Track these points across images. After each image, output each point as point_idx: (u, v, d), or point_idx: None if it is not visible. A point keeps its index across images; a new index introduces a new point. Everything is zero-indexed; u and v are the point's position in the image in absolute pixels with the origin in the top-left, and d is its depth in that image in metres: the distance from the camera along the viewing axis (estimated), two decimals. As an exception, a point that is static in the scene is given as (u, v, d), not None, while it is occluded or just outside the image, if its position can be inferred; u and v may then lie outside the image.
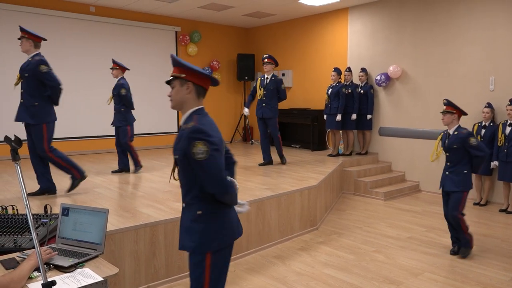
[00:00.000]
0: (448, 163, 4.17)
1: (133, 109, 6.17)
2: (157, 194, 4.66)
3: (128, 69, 6.25)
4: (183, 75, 2.02)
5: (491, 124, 6.02)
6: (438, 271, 3.81)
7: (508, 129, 5.72)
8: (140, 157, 6.45)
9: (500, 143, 5.80)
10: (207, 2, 7.90)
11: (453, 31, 6.69)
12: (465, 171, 4.07)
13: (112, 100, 6.12)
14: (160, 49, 9.20)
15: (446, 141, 4.15)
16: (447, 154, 4.16)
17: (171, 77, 2.06)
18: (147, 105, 8.83)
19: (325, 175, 5.73)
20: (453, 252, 4.20)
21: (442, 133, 4.32)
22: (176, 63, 2.07)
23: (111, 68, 6.14)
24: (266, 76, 6.64)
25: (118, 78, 6.08)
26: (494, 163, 5.91)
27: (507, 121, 5.79)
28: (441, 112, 4.20)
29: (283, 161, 6.81)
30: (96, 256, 2.36)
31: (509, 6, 6.05)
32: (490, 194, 6.26)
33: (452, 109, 4.12)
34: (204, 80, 2.08)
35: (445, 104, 4.16)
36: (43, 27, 7.60)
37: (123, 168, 6.13)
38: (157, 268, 3.50)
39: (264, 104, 6.55)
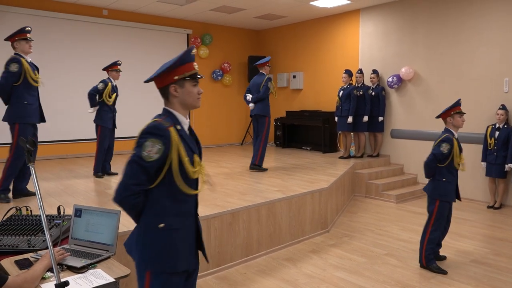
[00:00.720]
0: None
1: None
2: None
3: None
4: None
5: (505, 126, 5.93)
6: (450, 275, 3.76)
7: (523, 131, 5.64)
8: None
9: (515, 146, 5.71)
10: (218, 4, 7.94)
11: (466, 32, 6.62)
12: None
13: (114, 101, 5.97)
14: (172, 52, 9.25)
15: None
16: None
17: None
18: (156, 108, 8.88)
19: (336, 178, 5.70)
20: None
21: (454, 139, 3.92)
22: None
23: (119, 70, 6.06)
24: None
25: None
26: (509, 166, 5.82)
27: (522, 123, 5.71)
28: (463, 113, 3.90)
29: (251, 166, 6.34)
30: (108, 257, 2.38)
31: (524, 7, 5.96)
32: (505, 197, 6.16)
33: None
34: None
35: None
36: (56, 30, 7.73)
37: None
38: (168, 270, 3.51)
39: (255, 102, 6.37)
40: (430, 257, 3.88)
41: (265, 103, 6.32)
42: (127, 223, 3.48)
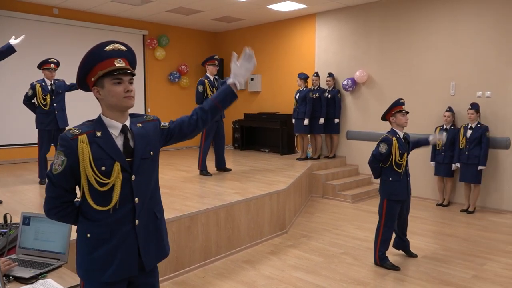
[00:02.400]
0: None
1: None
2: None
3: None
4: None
5: (452, 127, 6.25)
6: (403, 271, 3.90)
7: (469, 132, 5.95)
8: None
9: (461, 146, 6.02)
10: (175, 6, 7.85)
11: (416, 38, 6.91)
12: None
13: (49, 102, 5.70)
14: (127, 53, 9.05)
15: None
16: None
17: (131, 72, 1.82)
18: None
19: (294, 179, 5.78)
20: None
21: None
22: (135, 58, 1.91)
23: (54, 69, 5.82)
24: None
25: (54, 79, 5.83)
26: (456, 165, 6.13)
27: (468, 124, 6.02)
28: (406, 112, 3.99)
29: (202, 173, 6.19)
30: (60, 266, 2.29)
31: (468, 15, 6.31)
32: (452, 195, 6.48)
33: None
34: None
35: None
36: (1, 29, 7.34)
37: None
38: (124, 277, 3.42)
39: None
40: (383, 256, 4.00)
41: None
42: (80, 230, 3.35)
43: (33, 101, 5.61)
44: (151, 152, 1.83)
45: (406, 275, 3.83)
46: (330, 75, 7.82)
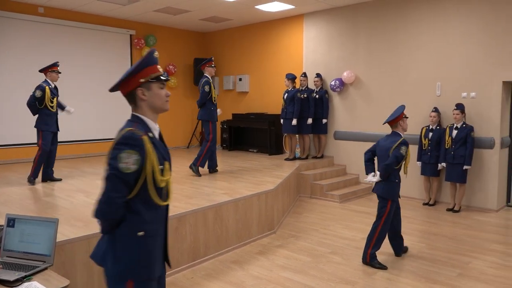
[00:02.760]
0: None
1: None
2: (111, 202, 4.52)
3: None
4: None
5: (438, 127, 6.32)
6: (391, 270, 3.94)
7: (454, 132, 6.03)
8: (92, 163, 6.26)
9: (447, 146, 6.10)
10: (162, 5, 7.80)
11: (403, 39, 6.98)
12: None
13: (57, 103, 5.80)
14: (114, 53, 8.97)
15: None
16: None
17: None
18: (98, 110, 8.59)
19: (282, 179, 5.79)
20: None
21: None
22: None
23: (58, 72, 5.85)
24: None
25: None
26: (442, 165, 6.20)
27: (453, 124, 6.10)
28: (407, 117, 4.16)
29: (190, 164, 6.21)
30: (45, 268, 2.26)
31: (455, 17, 6.39)
32: (438, 195, 6.56)
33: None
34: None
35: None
36: (-14, 28, 7.23)
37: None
38: (111, 278, 3.39)
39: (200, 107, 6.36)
40: (374, 255, 4.04)
41: (206, 107, 6.25)
42: (66, 232, 3.32)
43: (36, 103, 5.58)
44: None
45: (394, 274, 3.86)
46: (318, 75, 7.85)
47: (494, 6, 5.99)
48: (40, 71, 5.82)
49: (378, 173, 4.08)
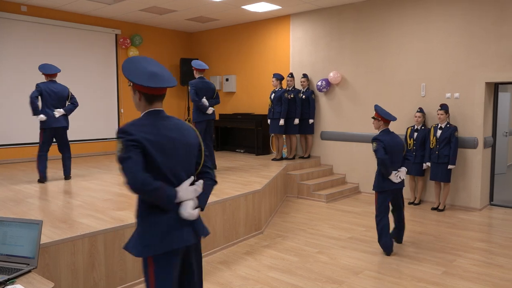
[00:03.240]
0: None
1: None
2: (96, 203, 4.48)
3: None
4: (130, 84, 2.08)
5: (423, 127, 6.40)
6: (376, 269, 3.98)
7: (438, 132, 6.12)
8: (78, 164, 6.19)
9: (432, 146, 6.18)
10: (149, 5, 7.75)
11: (388, 40, 7.06)
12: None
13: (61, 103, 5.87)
14: (99, 52, 8.88)
15: None
16: None
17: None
18: (84, 111, 8.48)
19: (269, 179, 5.80)
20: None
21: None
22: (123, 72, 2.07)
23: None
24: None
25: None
26: (427, 164, 6.28)
27: (437, 124, 6.19)
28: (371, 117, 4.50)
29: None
30: (29, 271, 2.22)
31: (439, 17, 6.48)
32: (423, 194, 6.65)
33: (377, 116, 4.40)
34: (141, 88, 2.05)
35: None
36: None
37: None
38: (96, 281, 3.36)
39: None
40: (386, 245, 4.35)
41: (194, 108, 6.39)
42: (50, 234, 3.28)
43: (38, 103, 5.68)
44: None
45: (379, 272, 3.90)
46: (305, 76, 7.89)
47: (476, 8, 6.10)
48: (45, 73, 5.82)
49: (404, 169, 4.40)
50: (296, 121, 7.61)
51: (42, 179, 5.68)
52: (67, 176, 5.94)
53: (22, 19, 7.70)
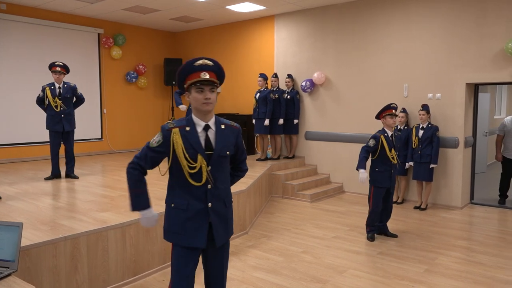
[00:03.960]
0: None
1: None
2: (79, 205, 4.41)
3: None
4: (219, 83, 2.26)
5: (405, 127, 6.49)
6: (360, 267, 4.01)
7: (420, 132, 6.21)
8: (60, 165, 6.10)
9: (414, 145, 6.26)
10: (132, 4, 7.67)
11: (371, 40, 7.13)
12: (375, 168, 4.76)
13: (60, 104, 5.93)
14: (81, 52, 8.75)
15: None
16: None
17: (214, 82, 2.20)
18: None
19: (254, 180, 5.80)
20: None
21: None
22: (222, 71, 2.30)
23: (59, 72, 5.92)
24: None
25: (63, 82, 6.02)
26: (409, 164, 6.37)
27: (419, 124, 6.28)
28: (395, 115, 4.76)
29: None
30: (9, 275, 2.18)
31: (421, 18, 6.58)
32: (406, 193, 6.74)
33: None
34: None
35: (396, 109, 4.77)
36: None
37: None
38: (79, 283, 3.31)
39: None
40: (368, 230, 4.83)
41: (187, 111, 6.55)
42: (31, 236, 3.22)
43: (46, 103, 5.95)
44: (228, 152, 2.30)
45: (363, 271, 3.94)
46: (289, 76, 7.91)
47: (457, 9, 6.20)
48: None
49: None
50: (281, 121, 7.63)
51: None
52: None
53: (1, 17, 7.54)
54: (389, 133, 4.71)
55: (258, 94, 7.63)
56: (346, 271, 3.94)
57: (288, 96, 7.78)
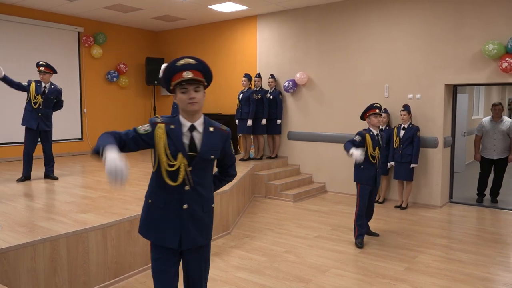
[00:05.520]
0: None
1: None
2: (58, 206, 4.33)
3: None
4: (206, 83, 2.23)
5: (387, 128, 6.57)
6: (343, 267, 4.05)
7: (402, 133, 6.29)
8: (39, 165, 5.98)
9: (395, 145, 6.35)
10: (112, 2, 7.57)
11: (352, 41, 7.19)
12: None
13: (41, 103, 5.83)
14: (60, 50, 8.59)
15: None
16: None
17: (197, 81, 2.15)
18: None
19: (237, 180, 5.79)
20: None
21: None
22: (207, 69, 2.25)
23: (43, 72, 5.84)
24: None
25: (51, 83, 5.95)
26: (391, 164, 6.45)
27: (400, 125, 6.36)
28: (379, 114, 4.74)
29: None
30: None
31: (401, 19, 6.67)
32: (387, 192, 6.82)
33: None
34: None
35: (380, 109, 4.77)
36: None
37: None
38: (58, 286, 3.24)
39: None
40: (359, 233, 4.64)
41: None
42: (8, 238, 3.14)
43: (27, 98, 5.84)
44: (212, 156, 2.22)
45: (345, 270, 3.97)
46: (272, 76, 7.93)
47: (436, 11, 6.31)
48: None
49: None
50: (264, 121, 7.64)
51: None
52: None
53: (-23, 15, 7.36)
54: (375, 132, 4.71)
55: (241, 95, 7.62)
56: (329, 270, 3.96)
57: (271, 96, 7.79)
